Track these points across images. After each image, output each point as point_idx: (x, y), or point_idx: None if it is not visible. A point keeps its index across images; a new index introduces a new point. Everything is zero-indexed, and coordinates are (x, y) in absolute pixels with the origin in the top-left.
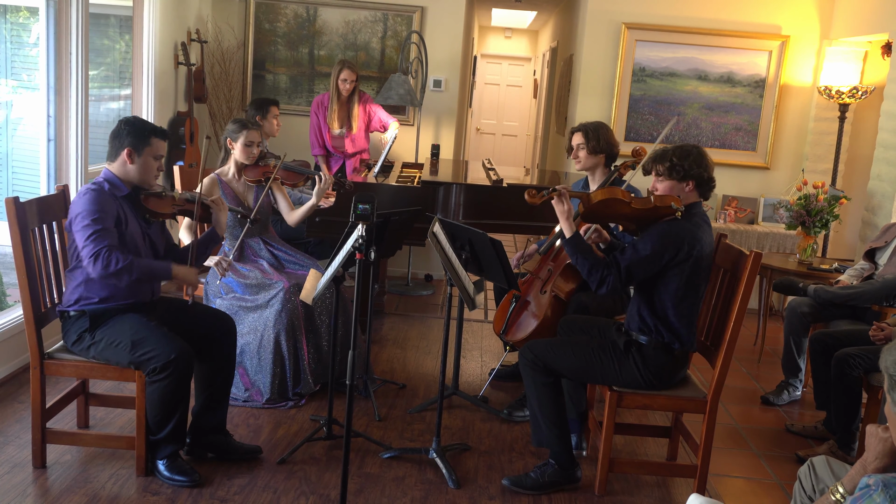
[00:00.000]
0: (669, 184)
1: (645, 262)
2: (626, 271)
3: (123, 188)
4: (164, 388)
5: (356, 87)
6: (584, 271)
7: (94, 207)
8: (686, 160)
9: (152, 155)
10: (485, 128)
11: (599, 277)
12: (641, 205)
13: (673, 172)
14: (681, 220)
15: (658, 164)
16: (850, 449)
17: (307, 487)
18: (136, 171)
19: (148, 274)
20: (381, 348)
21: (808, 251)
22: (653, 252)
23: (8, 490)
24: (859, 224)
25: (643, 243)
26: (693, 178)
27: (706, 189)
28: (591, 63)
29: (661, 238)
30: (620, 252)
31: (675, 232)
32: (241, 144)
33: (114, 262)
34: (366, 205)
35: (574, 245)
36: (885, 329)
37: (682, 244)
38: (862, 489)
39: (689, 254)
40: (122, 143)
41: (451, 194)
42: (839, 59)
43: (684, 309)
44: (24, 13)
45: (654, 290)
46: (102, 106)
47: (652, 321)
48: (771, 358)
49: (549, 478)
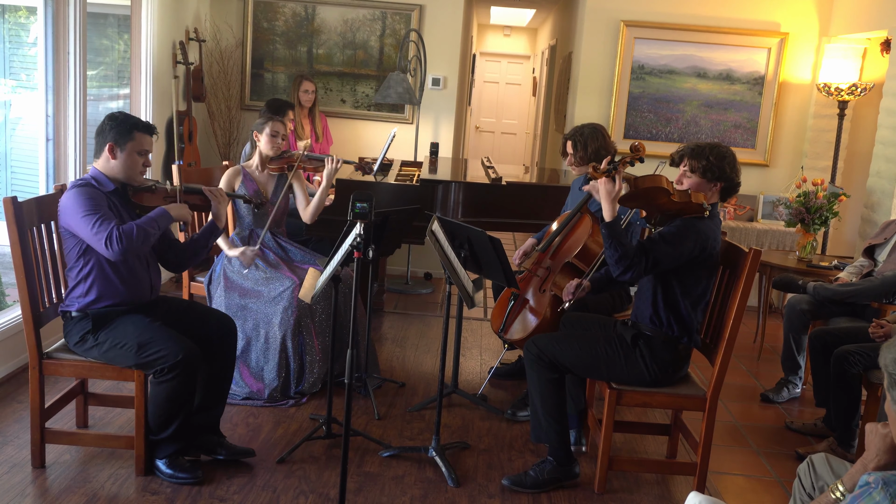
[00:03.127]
0: (699, 181)
1: (674, 255)
2: (653, 261)
3: (109, 185)
4: (170, 389)
5: (316, 98)
6: (614, 256)
7: (84, 199)
8: (723, 162)
9: (136, 150)
10: (484, 126)
11: (628, 264)
12: (680, 198)
13: (707, 172)
14: (706, 219)
15: (694, 160)
16: (850, 446)
17: (306, 486)
18: (119, 166)
19: (153, 226)
20: (380, 347)
21: (807, 248)
22: (681, 246)
23: (7, 490)
24: (859, 221)
25: (672, 236)
26: (724, 180)
27: (730, 194)
28: (590, 61)
29: (690, 234)
30: (649, 241)
31: (702, 230)
32: (267, 135)
33: (125, 238)
34: (364, 203)
35: (612, 229)
36: (884, 326)
37: (707, 243)
38: (862, 487)
39: (710, 253)
40: (105, 139)
41: (450, 192)
42: (838, 56)
43: (696, 304)
44: (22, 13)
45: (671, 284)
46: (101, 105)
47: (665, 315)
48: (770, 355)
49: (547, 475)
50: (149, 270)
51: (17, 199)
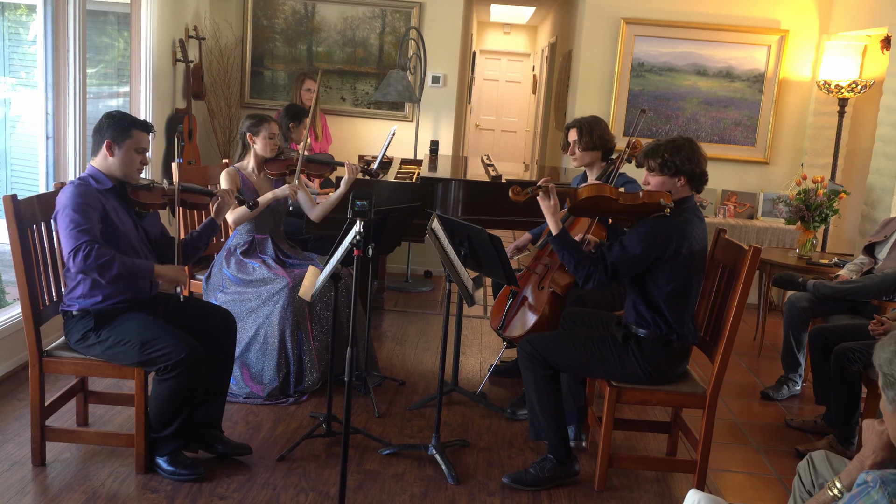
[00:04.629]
0: (661, 179)
1: (631, 261)
2: (611, 268)
3: (107, 182)
4: (173, 386)
5: (317, 97)
6: (570, 267)
7: (76, 201)
8: (677, 155)
9: (133, 147)
10: (484, 124)
11: (586, 273)
12: (630, 201)
13: (664, 168)
14: (670, 217)
15: (649, 159)
16: (850, 443)
17: (306, 484)
18: (117, 164)
19: (129, 271)
20: (380, 345)
21: (807, 246)
22: (640, 251)
23: (7, 488)
24: (858, 218)
25: (630, 241)
26: (685, 173)
27: (698, 183)
28: (590, 58)
29: (649, 237)
30: (608, 248)
31: (662, 230)
32: (265, 138)
33: (93, 257)
34: (363, 201)
35: (561, 241)
36: (884, 323)
37: (670, 242)
38: (860, 486)
39: (678, 251)
40: (103, 137)
41: (450, 190)
42: (838, 53)
43: (676, 304)
44: (22, 10)
45: (645, 285)
46: (101, 103)
47: (649, 315)
48: (770, 353)
49: (548, 473)
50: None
51: (16, 197)
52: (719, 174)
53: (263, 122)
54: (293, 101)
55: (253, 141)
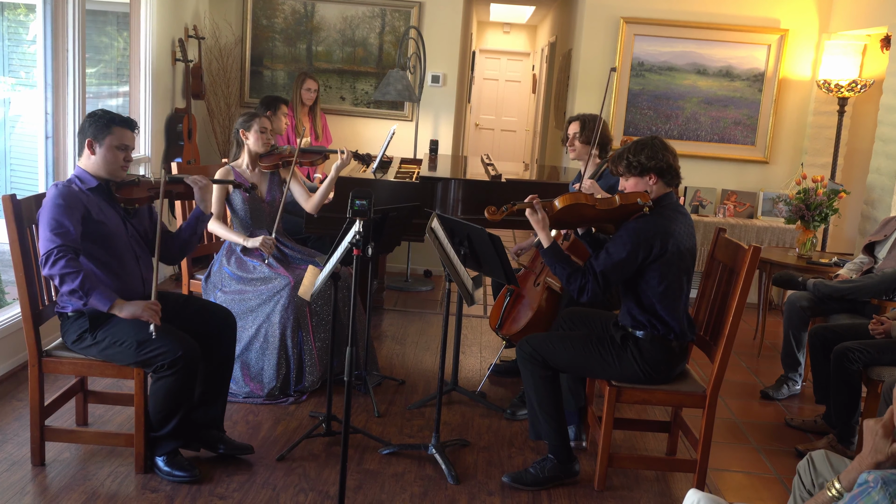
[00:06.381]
0: (633, 181)
1: (619, 266)
2: (602, 277)
3: (92, 181)
4: (170, 385)
5: (317, 97)
6: (563, 280)
7: (56, 204)
8: (640, 155)
9: (114, 144)
10: (484, 123)
11: (579, 286)
12: (606, 206)
13: (631, 169)
14: (651, 216)
15: (616, 164)
16: (850, 443)
17: (306, 484)
18: (99, 161)
19: (89, 293)
20: (380, 344)
21: (807, 245)
22: (625, 253)
23: (7, 488)
24: (858, 218)
25: (615, 246)
26: (652, 170)
27: (671, 178)
28: (590, 58)
29: (632, 238)
30: (595, 257)
31: (644, 230)
32: (256, 132)
33: (59, 266)
34: (363, 200)
35: (552, 254)
36: (884, 323)
37: (654, 241)
38: (861, 486)
39: (664, 249)
40: (85, 136)
41: (450, 190)
42: (838, 52)
43: (669, 302)
44: (21, 10)
45: (637, 287)
46: (101, 103)
47: (643, 316)
48: (770, 352)
49: (548, 472)
50: (139, 263)
51: (15, 197)
52: (719, 173)
53: (255, 117)
54: (293, 100)
55: (245, 137)
